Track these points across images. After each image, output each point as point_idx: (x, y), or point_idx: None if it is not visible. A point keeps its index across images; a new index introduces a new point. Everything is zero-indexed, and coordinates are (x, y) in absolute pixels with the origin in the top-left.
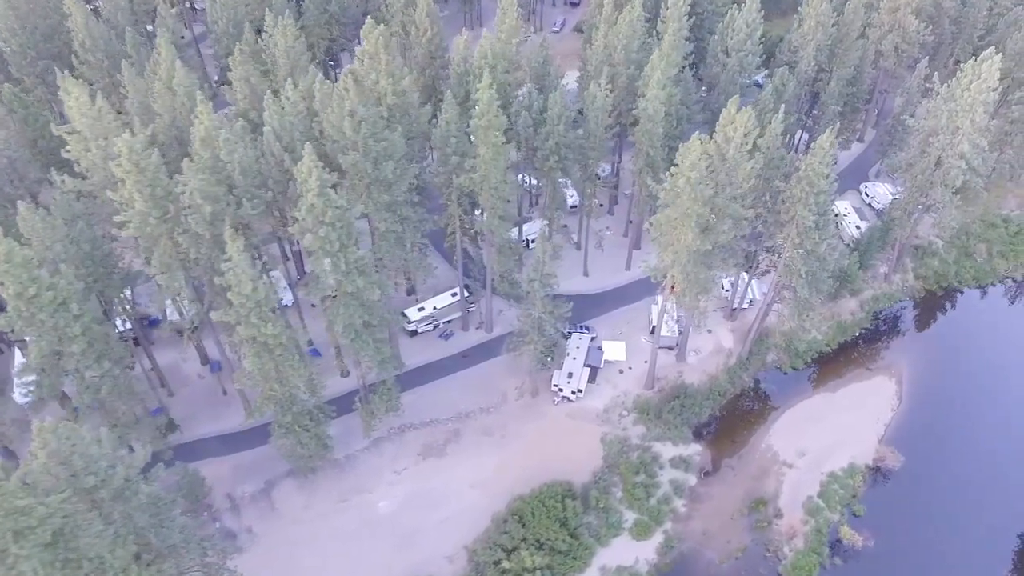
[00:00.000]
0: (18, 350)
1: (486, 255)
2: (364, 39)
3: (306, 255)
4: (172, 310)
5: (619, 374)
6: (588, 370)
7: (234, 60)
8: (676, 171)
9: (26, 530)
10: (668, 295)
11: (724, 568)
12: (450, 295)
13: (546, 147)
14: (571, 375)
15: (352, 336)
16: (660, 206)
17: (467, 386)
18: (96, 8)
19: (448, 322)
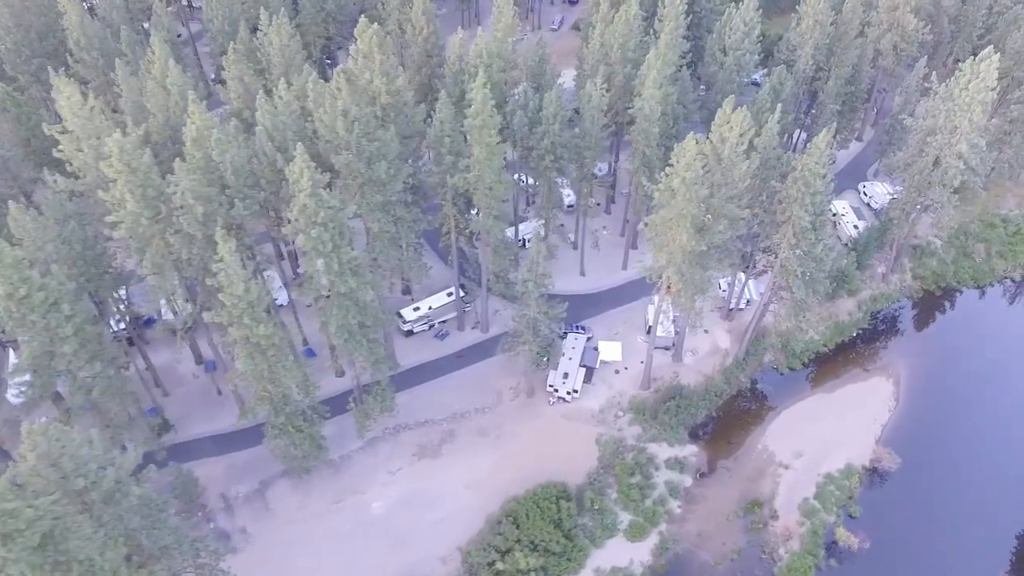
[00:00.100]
0: (12, 351)
1: (481, 255)
2: (358, 38)
3: (300, 255)
4: (167, 310)
5: (615, 374)
6: (584, 370)
7: (228, 59)
8: (671, 171)
9: (14, 533)
10: (664, 295)
11: (719, 570)
12: (446, 295)
13: (542, 146)
14: (567, 375)
15: (346, 336)
16: (655, 206)
17: (463, 386)
18: (91, 6)
19: (444, 322)
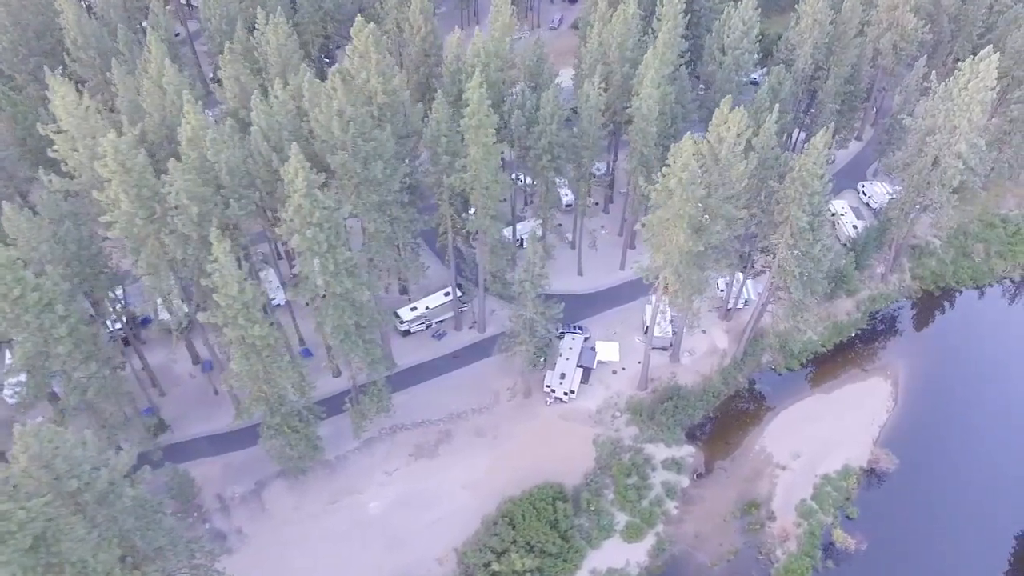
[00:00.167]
0: (8, 351)
1: (479, 255)
2: (354, 37)
3: (296, 255)
4: (163, 310)
5: (612, 375)
6: (581, 371)
7: (224, 58)
8: (668, 171)
9: (5, 535)
10: (661, 295)
11: (716, 571)
12: (443, 295)
13: (539, 146)
14: (564, 376)
15: (342, 337)
16: (652, 206)
17: (459, 386)
18: (89, 5)
19: (441, 322)
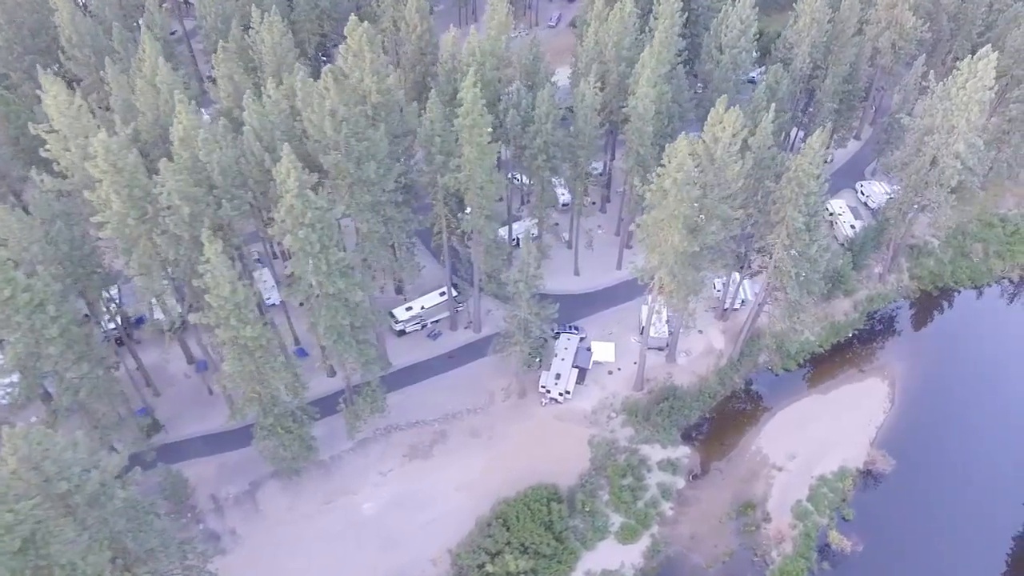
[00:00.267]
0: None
1: (474, 254)
2: (348, 36)
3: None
4: (158, 309)
5: (608, 375)
6: (576, 371)
7: (217, 57)
8: (663, 172)
9: None
10: (657, 295)
11: (711, 572)
12: (438, 294)
13: (534, 146)
14: (559, 376)
15: (335, 338)
16: (647, 207)
17: (455, 387)
18: (85, 3)
19: (436, 322)
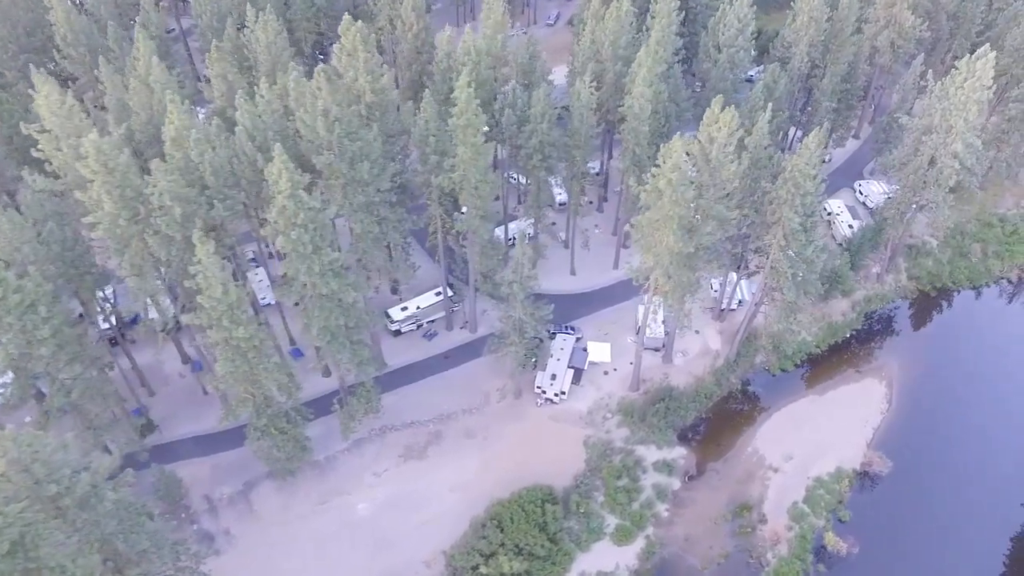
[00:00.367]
0: None
1: (469, 254)
2: (342, 35)
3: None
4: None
5: (604, 375)
6: (572, 372)
7: (211, 57)
8: (658, 172)
9: None
10: (652, 295)
11: (706, 574)
12: (434, 294)
13: (530, 145)
14: (554, 377)
15: (328, 339)
16: (642, 207)
17: (450, 387)
18: (80, 1)
19: (432, 322)
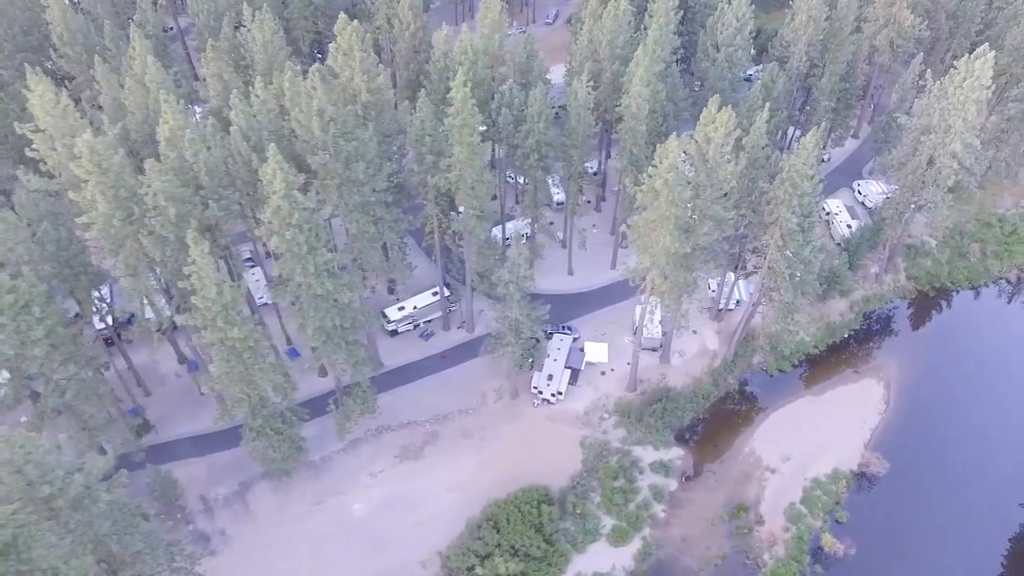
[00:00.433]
0: None
1: (466, 254)
2: (338, 35)
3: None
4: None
5: (601, 376)
6: (569, 372)
7: (206, 56)
8: (654, 172)
9: None
10: (649, 296)
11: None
12: (430, 294)
13: (527, 145)
14: (551, 377)
15: (323, 339)
16: (638, 207)
17: (447, 387)
18: (77, 0)
19: (429, 322)
